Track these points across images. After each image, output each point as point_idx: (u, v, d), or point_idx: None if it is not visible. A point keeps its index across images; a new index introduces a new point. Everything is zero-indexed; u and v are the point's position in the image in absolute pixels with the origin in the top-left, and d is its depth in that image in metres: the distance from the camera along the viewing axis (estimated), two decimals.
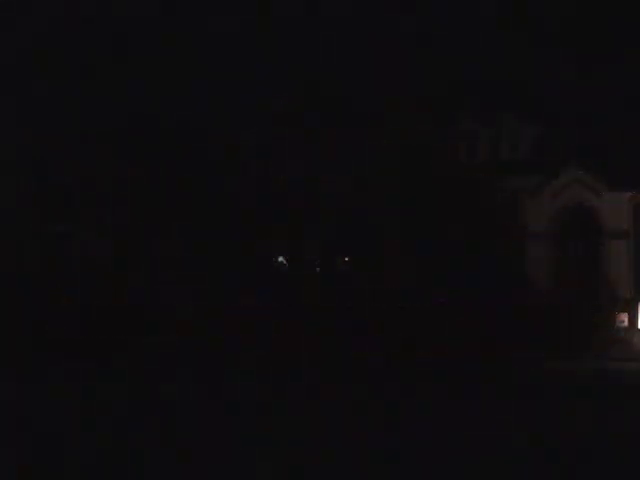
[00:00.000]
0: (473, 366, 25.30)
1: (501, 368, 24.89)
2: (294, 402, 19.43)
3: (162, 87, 49.70)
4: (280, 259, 41.41)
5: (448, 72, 45.77)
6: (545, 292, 33.52)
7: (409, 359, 27.03)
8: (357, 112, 39.91)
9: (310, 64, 49.56)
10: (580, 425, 16.16)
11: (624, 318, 28.46)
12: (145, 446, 14.21)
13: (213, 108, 48.43)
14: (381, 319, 30.76)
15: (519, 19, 47.86)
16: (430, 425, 16.30)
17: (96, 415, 17.81)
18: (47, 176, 49.46)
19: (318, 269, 39.33)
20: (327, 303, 32.75)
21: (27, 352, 29.82)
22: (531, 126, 37.12)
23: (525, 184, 35.15)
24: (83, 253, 47.09)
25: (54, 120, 49.25)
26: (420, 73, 46.71)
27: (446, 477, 12.32)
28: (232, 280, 37.58)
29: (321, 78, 47.80)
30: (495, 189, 35.84)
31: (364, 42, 51.20)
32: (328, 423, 16.41)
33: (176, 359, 28.17)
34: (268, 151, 42.42)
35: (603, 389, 20.72)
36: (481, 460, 13.25)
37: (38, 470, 12.67)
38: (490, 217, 36.36)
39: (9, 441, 15.13)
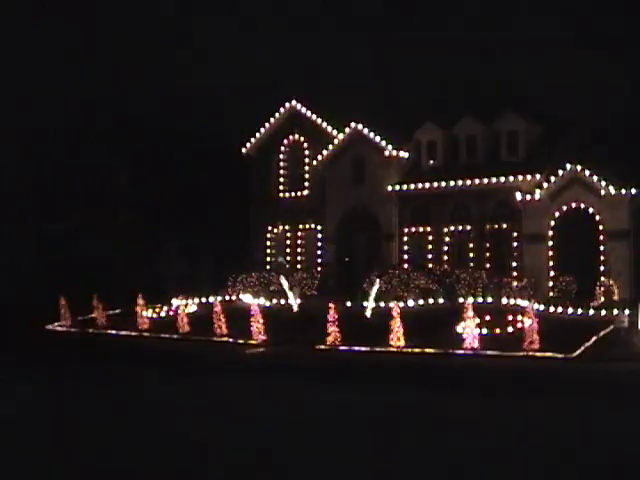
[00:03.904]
0: (473, 365, 25.30)
1: (501, 368, 24.87)
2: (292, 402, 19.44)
3: (162, 87, 49.70)
4: (280, 259, 41.38)
5: (448, 72, 45.86)
6: (545, 292, 33.53)
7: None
8: (357, 112, 39.89)
9: (309, 61, 49.53)
10: (579, 425, 16.17)
11: (624, 318, 28.42)
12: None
13: (214, 108, 48.47)
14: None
15: (519, 19, 47.88)
16: (429, 425, 16.31)
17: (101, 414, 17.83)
18: (47, 176, 49.51)
19: (318, 269, 39.34)
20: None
21: (26, 352, 29.79)
22: (531, 126, 37.10)
23: (525, 184, 35.15)
24: (83, 253, 47.17)
25: (54, 120, 49.28)
26: (420, 73, 46.77)
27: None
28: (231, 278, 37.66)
29: (318, 74, 47.85)
30: (495, 189, 35.87)
31: (363, 41, 51.21)
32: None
33: (175, 359, 28.13)
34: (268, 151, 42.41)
35: (603, 389, 20.71)
36: (476, 459, 13.26)
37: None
38: (490, 218, 36.40)
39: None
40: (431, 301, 33.14)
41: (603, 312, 29.66)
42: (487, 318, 29.12)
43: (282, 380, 22.84)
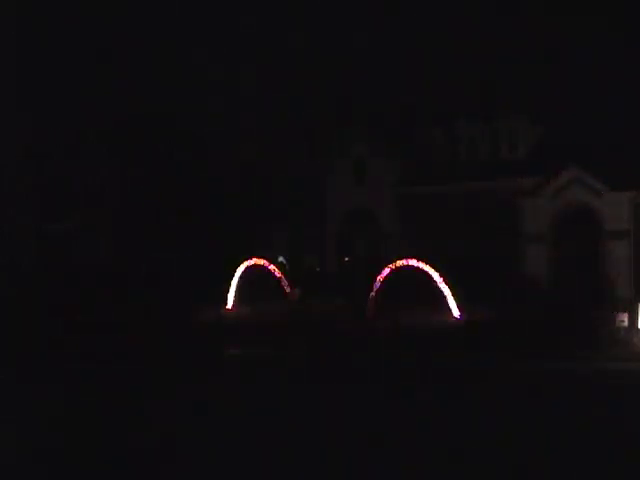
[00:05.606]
0: (474, 366, 25.32)
1: (501, 368, 24.89)
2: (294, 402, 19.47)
3: (163, 88, 49.73)
4: (280, 259, 41.39)
5: (448, 72, 45.88)
6: (545, 292, 33.52)
7: (409, 358, 27.04)
8: (358, 112, 39.95)
9: (310, 64, 49.61)
10: (580, 425, 16.18)
11: (624, 318, 28.44)
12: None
13: (215, 109, 48.51)
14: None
15: (519, 19, 47.93)
16: (430, 426, 16.31)
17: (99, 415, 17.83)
18: (47, 176, 49.54)
19: (318, 269, 39.36)
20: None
21: (27, 352, 29.81)
22: (531, 126, 37.11)
23: (525, 184, 35.15)
24: (83, 253, 47.20)
25: (54, 120, 49.33)
26: (420, 73, 46.80)
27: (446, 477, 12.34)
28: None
29: (323, 77, 47.89)
30: (495, 189, 35.86)
31: (363, 42, 51.26)
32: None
33: (176, 359, 28.16)
34: (269, 152, 42.44)
35: (603, 389, 20.73)
36: (479, 458, 13.26)
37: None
38: (490, 218, 36.38)
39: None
40: None
41: (603, 312, 29.69)
42: None
43: None
